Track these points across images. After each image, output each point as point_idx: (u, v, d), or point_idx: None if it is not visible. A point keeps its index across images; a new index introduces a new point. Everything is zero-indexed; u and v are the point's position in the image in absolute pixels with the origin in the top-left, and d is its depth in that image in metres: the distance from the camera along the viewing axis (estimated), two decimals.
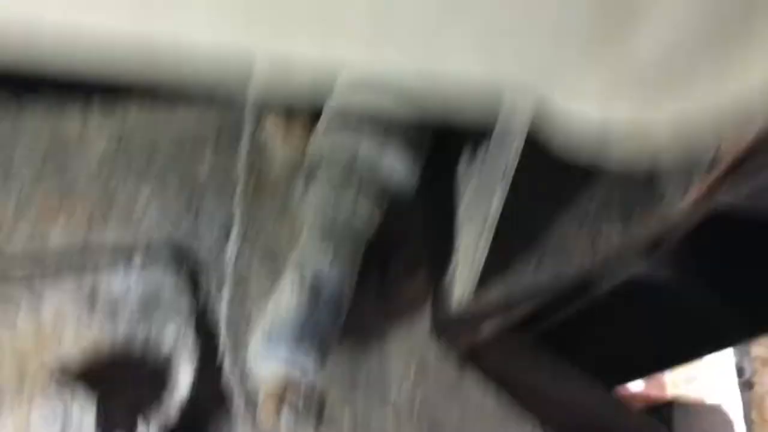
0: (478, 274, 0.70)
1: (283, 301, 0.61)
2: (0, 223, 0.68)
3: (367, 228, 0.67)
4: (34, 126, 0.72)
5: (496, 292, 0.79)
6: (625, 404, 1.34)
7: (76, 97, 0.75)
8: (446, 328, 0.75)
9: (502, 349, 1.30)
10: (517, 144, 0.62)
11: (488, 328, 1.06)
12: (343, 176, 0.67)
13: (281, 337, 0.59)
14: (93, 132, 0.73)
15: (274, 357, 0.59)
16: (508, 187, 0.65)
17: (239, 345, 0.66)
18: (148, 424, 0.62)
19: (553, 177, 0.84)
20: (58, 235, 0.68)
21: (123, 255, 0.68)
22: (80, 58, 0.28)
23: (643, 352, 1.74)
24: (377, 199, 0.67)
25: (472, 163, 0.73)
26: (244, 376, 0.65)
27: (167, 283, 0.67)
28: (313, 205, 0.67)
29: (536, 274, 0.82)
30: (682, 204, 0.85)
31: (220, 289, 0.70)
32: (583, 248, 0.84)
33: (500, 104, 0.57)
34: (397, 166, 0.68)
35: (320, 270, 0.62)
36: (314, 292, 0.61)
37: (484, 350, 1.28)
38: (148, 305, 0.66)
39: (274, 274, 0.69)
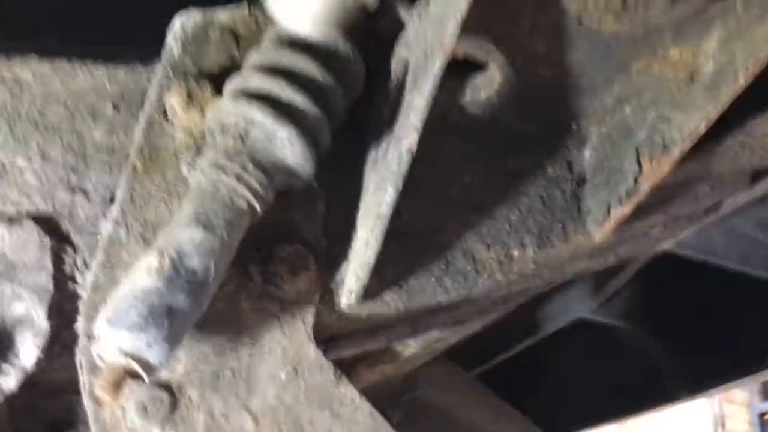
0: (366, 277, 0.66)
1: (137, 281, 0.56)
2: None
3: (248, 212, 0.62)
4: None
5: (390, 302, 0.75)
6: None
7: None
8: (330, 333, 0.71)
9: (441, 380, 1.27)
10: (412, 136, 0.59)
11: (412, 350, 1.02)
12: (229, 152, 0.63)
13: (124, 320, 0.54)
14: None
15: (115, 341, 0.54)
16: (401, 184, 0.61)
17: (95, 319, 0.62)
18: None
19: (466, 185, 0.80)
20: None
21: None
22: None
23: (590, 401, 1.71)
24: (264, 182, 0.63)
25: (379, 156, 0.70)
26: (92, 355, 0.60)
27: (29, 251, 0.63)
28: (195, 181, 0.63)
29: (437, 289, 0.78)
30: (604, 227, 0.82)
31: (88, 263, 0.66)
32: (492, 268, 0.81)
33: None
34: (291, 149, 0.64)
35: (183, 251, 0.57)
36: (172, 275, 0.56)
37: (420, 379, 1.25)
38: (3, 272, 0.61)
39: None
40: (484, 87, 0.83)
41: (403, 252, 0.75)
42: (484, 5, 0.72)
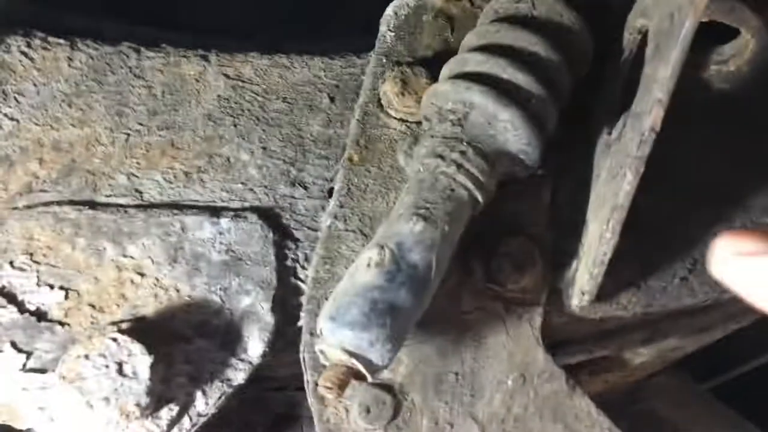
0: (601, 275, 0.59)
1: (358, 276, 0.54)
2: (105, 160, 0.68)
3: (469, 202, 0.58)
4: (153, 67, 0.71)
5: (627, 305, 0.67)
6: None
7: (196, 46, 0.74)
8: (558, 336, 0.64)
9: (671, 392, 1.14)
10: (655, 112, 0.51)
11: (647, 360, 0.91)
12: (447, 139, 0.59)
13: (346, 317, 0.51)
14: (211, 75, 0.71)
15: (337, 339, 0.52)
16: (641, 169, 0.53)
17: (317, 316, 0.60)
18: (210, 385, 0.58)
19: (713, 171, 0.70)
20: (154, 186, 0.66)
21: (213, 213, 0.64)
22: None
23: None
24: (485, 170, 0.58)
25: (613, 138, 0.62)
26: (315, 352, 0.59)
27: (254, 245, 0.63)
28: (412, 171, 0.60)
29: (682, 291, 0.68)
30: None
31: (308, 258, 0.65)
32: None
33: None
34: (514, 133, 0.58)
35: (403, 244, 0.54)
36: (392, 269, 0.53)
37: (648, 389, 1.14)
38: (231, 265, 0.62)
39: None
40: (734, 57, 0.72)
41: (642, 247, 0.66)
42: None
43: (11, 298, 0.60)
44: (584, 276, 0.62)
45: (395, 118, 0.67)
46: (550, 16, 0.64)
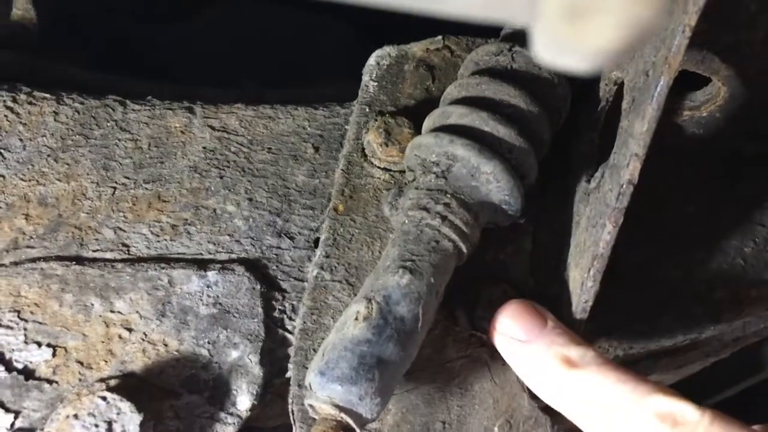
0: (583, 322, 0.60)
1: (346, 329, 0.54)
2: (91, 215, 0.68)
3: (454, 253, 0.59)
4: (139, 120, 0.72)
5: (609, 348, 0.68)
6: None
7: (181, 97, 0.75)
8: None
9: None
10: (633, 166, 0.52)
11: None
12: (432, 191, 0.60)
13: (335, 372, 0.52)
14: (197, 127, 0.72)
15: (326, 394, 0.52)
16: (621, 220, 0.55)
17: (306, 368, 0.61)
18: None
19: (689, 216, 0.72)
20: (141, 239, 0.67)
21: (201, 265, 0.65)
22: None
23: None
24: (469, 221, 0.59)
25: (591, 187, 0.64)
26: (304, 405, 0.59)
27: (241, 297, 0.63)
28: (398, 223, 0.61)
29: (662, 334, 0.70)
30: None
31: (295, 309, 0.65)
32: (725, 310, 0.71)
33: None
34: (497, 184, 0.60)
35: (390, 297, 0.55)
36: (380, 323, 0.54)
37: None
38: (218, 318, 0.62)
39: (355, 294, 0.63)
40: (706, 103, 0.74)
41: (622, 293, 0.67)
42: (709, 13, 0.64)
43: None
44: (568, 324, 0.63)
45: (379, 167, 0.68)
46: (529, 69, 0.66)
